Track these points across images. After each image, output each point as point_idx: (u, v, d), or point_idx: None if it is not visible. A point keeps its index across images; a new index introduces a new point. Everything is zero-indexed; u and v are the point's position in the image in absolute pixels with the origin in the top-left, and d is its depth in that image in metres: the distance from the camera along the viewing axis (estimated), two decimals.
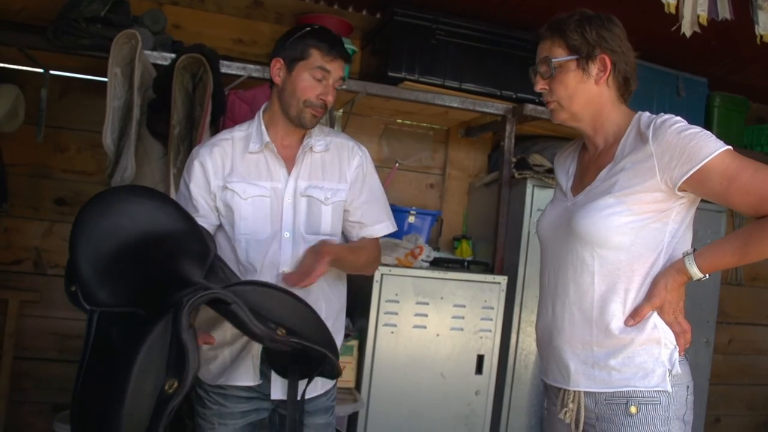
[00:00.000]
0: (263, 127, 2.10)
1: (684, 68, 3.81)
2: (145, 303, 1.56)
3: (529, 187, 3.40)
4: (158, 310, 1.49)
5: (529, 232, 3.38)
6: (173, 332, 1.45)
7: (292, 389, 1.90)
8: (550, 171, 3.42)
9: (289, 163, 2.09)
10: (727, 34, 2.82)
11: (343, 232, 2.22)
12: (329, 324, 2.11)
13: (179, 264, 1.70)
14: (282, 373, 1.96)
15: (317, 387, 2.10)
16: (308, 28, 2.06)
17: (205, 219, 2.06)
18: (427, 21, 3.37)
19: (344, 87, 2.12)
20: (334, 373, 1.88)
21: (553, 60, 1.76)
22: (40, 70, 3.42)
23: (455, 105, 3.42)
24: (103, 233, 1.65)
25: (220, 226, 2.12)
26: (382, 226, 2.23)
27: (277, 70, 2.06)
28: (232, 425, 2.08)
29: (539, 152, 3.66)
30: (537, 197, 3.40)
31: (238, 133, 2.13)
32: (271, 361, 1.97)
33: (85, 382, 1.55)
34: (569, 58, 1.75)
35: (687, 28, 2.19)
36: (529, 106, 3.38)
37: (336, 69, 2.03)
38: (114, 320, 1.57)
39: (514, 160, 3.52)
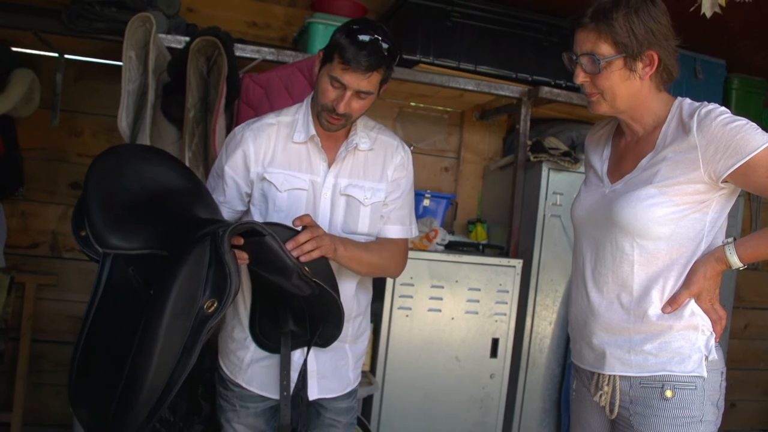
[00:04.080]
0: (310, 117, 2.01)
1: (701, 50, 3.77)
2: (165, 244, 1.63)
3: (545, 170, 3.38)
4: (188, 244, 1.57)
5: (544, 216, 3.36)
6: (215, 254, 1.54)
7: (285, 358, 1.95)
8: (566, 154, 3.40)
9: (330, 154, 2.03)
10: (746, 15, 2.78)
11: None
12: (358, 322, 2.14)
13: (194, 212, 1.79)
14: (269, 347, 2.02)
15: (348, 384, 2.14)
16: (353, 25, 1.87)
17: (228, 205, 2.04)
18: (441, 2, 3.34)
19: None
20: (330, 337, 1.95)
21: (601, 60, 1.69)
22: (55, 55, 3.44)
23: (470, 88, 3.39)
24: (115, 183, 1.70)
25: (246, 212, 2.08)
26: (401, 228, 2.14)
27: (317, 61, 1.95)
28: (253, 408, 2.09)
29: (555, 135, 3.63)
30: (552, 180, 3.37)
31: (285, 118, 2.04)
32: (264, 331, 2.01)
33: (96, 325, 1.59)
34: (617, 56, 1.68)
35: (707, 9, 2.15)
36: (545, 89, 3.36)
37: (352, 82, 1.84)
38: (130, 261, 1.62)
39: (529, 143, 3.49)
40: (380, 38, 1.84)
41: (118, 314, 1.61)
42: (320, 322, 1.92)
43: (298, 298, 1.86)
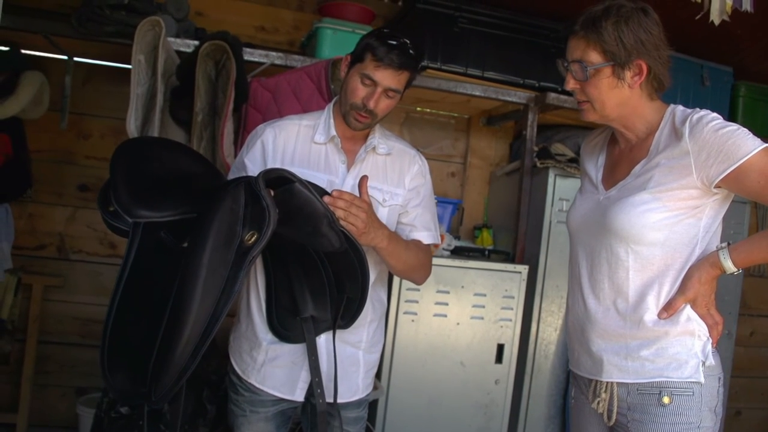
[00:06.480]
0: (332, 120, 2.07)
1: (709, 57, 3.76)
2: (194, 207, 1.73)
3: (551, 176, 3.38)
4: (222, 190, 1.66)
5: (550, 222, 3.36)
6: (251, 195, 1.62)
7: (311, 342, 1.95)
8: (572, 160, 3.40)
9: (350, 157, 2.07)
10: (753, 23, 2.78)
11: None
12: (373, 328, 2.14)
13: (217, 182, 1.89)
14: (287, 337, 2.02)
15: (357, 392, 2.13)
16: (383, 30, 2.01)
17: None
18: (449, 9, 3.35)
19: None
20: (354, 312, 1.95)
21: (589, 68, 1.70)
22: (65, 57, 3.45)
23: (477, 93, 3.40)
24: (139, 165, 1.80)
25: None
26: (429, 234, 2.16)
27: (345, 65, 2.03)
28: (264, 413, 2.08)
29: (561, 141, 3.63)
30: (559, 186, 3.38)
31: (306, 121, 2.09)
32: (282, 322, 2.01)
33: (129, 290, 1.68)
34: (605, 64, 1.69)
35: (716, 17, 2.16)
36: (552, 95, 3.36)
37: (384, 78, 1.93)
38: (160, 227, 1.72)
39: (535, 149, 3.50)
40: (408, 42, 1.96)
41: (152, 274, 1.69)
42: (344, 291, 1.91)
43: (318, 270, 1.88)
